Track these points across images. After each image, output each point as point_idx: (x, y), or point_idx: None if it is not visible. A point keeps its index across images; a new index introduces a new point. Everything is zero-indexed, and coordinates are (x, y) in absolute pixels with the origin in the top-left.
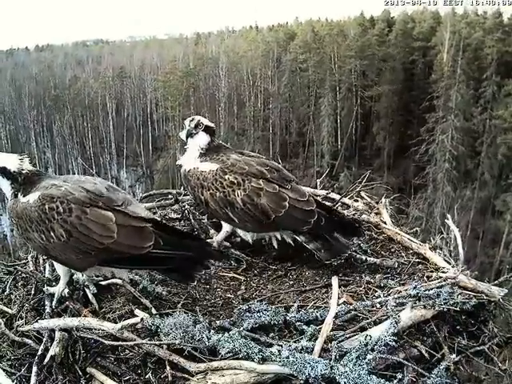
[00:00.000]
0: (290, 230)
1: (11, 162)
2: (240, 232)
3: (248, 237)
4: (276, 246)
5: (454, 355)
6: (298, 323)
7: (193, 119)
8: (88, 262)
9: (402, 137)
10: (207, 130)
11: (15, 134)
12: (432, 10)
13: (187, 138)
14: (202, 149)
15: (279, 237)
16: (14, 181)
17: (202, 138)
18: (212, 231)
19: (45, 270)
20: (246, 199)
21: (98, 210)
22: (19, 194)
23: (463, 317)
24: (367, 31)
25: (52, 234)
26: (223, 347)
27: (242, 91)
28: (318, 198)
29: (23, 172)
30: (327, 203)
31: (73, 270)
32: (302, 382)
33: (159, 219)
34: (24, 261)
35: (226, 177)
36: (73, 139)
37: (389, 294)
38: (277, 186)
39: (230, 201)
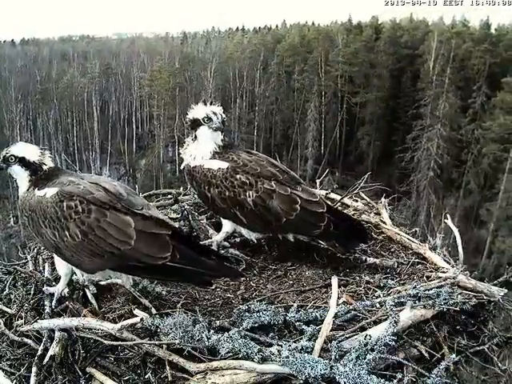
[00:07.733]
0: (299, 235)
1: (30, 152)
2: (243, 231)
3: (252, 236)
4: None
5: (453, 355)
6: (298, 323)
7: (215, 112)
8: (99, 266)
9: (386, 143)
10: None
11: (0, 127)
12: (420, 18)
13: (222, 132)
14: (217, 146)
15: (290, 238)
16: (33, 173)
17: (220, 134)
18: (211, 231)
19: (44, 270)
20: (258, 201)
21: (118, 213)
22: (34, 187)
23: (463, 317)
24: (355, 37)
25: (66, 232)
26: (223, 347)
27: (227, 92)
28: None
29: (44, 167)
30: (338, 207)
31: (75, 269)
32: (301, 381)
33: (177, 227)
34: (24, 261)
35: (238, 176)
36: (57, 134)
37: (388, 294)
38: (289, 189)
39: (240, 201)
